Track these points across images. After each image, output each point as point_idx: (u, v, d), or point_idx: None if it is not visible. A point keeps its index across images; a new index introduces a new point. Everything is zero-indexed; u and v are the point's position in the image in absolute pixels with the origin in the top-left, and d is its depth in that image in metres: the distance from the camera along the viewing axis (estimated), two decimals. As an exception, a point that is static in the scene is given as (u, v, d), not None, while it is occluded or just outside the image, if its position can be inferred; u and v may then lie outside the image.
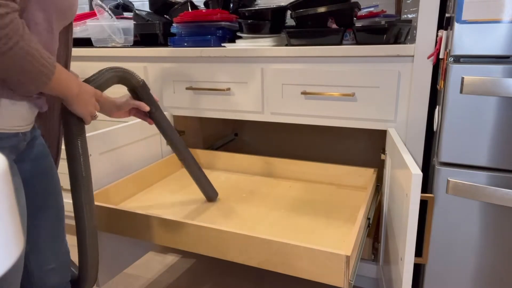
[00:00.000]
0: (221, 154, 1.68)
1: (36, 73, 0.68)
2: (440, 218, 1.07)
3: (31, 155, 0.85)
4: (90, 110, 0.87)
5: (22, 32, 0.65)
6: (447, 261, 1.09)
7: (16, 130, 0.76)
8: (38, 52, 0.68)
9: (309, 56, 1.30)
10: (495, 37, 0.94)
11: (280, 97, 1.38)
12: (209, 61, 1.46)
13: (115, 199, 1.34)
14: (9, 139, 0.75)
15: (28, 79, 0.68)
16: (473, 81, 0.97)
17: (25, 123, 0.79)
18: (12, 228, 0.32)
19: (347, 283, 0.89)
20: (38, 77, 0.69)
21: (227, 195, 1.43)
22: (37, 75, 0.69)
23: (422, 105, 1.18)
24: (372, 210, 1.29)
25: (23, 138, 0.80)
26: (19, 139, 0.78)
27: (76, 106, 0.84)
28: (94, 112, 0.89)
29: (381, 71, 1.21)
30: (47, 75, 0.70)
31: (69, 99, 0.81)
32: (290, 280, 1.55)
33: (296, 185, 1.51)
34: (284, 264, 0.95)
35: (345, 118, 1.31)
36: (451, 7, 1.00)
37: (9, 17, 0.62)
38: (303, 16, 1.34)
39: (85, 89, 0.85)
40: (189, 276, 1.60)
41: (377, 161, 1.50)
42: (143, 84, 1.08)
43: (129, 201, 1.38)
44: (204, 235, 1.03)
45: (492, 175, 1.00)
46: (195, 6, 1.70)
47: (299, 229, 1.17)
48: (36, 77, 0.69)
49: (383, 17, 1.33)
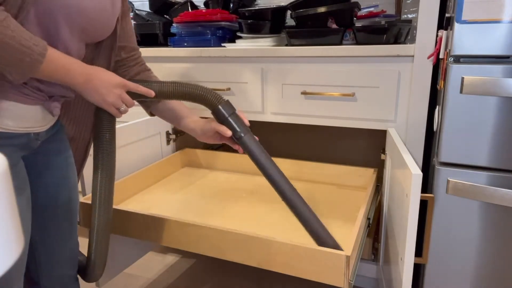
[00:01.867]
0: (221, 154, 1.68)
1: (17, 58, 0.65)
2: (440, 218, 1.07)
3: (46, 149, 0.87)
4: (111, 101, 0.81)
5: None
6: (447, 261, 1.09)
7: (27, 131, 0.78)
8: (17, 38, 0.64)
9: (309, 56, 1.30)
10: (495, 37, 0.94)
11: (280, 97, 1.38)
12: (209, 61, 1.46)
13: (115, 199, 1.33)
14: (19, 138, 0.77)
15: (9, 64, 0.66)
16: (473, 81, 0.97)
17: (38, 125, 0.81)
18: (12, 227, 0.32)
19: (347, 283, 0.89)
20: (21, 62, 0.66)
21: (227, 195, 1.43)
22: (18, 60, 0.66)
23: (422, 105, 1.18)
24: (372, 210, 1.29)
25: (36, 138, 0.82)
26: (30, 139, 0.80)
27: (88, 95, 0.79)
28: (118, 104, 0.82)
29: (381, 71, 1.21)
30: (30, 61, 0.67)
31: (76, 87, 0.77)
32: (290, 280, 1.55)
33: (296, 185, 1.50)
34: (284, 264, 0.95)
35: (345, 118, 1.31)
36: (451, 7, 1.00)
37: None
38: (303, 16, 1.34)
39: (102, 78, 0.79)
40: (189, 276, 1.60)
41: (377, 161, 1.50)
42: (226, 103, 0.92)
43: (129, 201, 1.38)
44: (204, 235, 1.03)
45: (492, 175, 1.00)
46: (195, 6, 1.70)
47: (299, 229, 1.17)
48: (19, 62, 0.66)
49: (383, 17, 1.33)
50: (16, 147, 0.77)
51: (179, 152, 1.70)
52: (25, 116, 0.77)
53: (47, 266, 0.94)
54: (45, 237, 0.92)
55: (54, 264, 0.94)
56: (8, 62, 0.65)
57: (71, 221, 0.96)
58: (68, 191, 0.93)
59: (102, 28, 0.82)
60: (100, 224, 0.96)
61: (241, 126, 0.93)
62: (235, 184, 1.53)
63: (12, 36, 0.64)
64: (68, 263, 0.97)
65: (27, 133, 0.79)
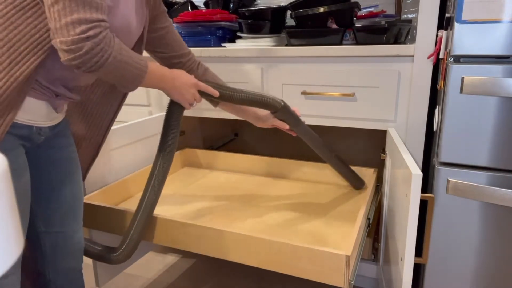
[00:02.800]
0: (221, 154, 1.68)
1: (132, 75, 0.81)
2: (440, 218, 1.07)
3: (49, 144, 0.91)
4: (187, 99, 0.98)
5: (113, 43, 0.75)
6: (447, 261, 1.09)
7: (29, 123, 0.81)
8: (130, 58, 0.79)
9: (309, 56, 1.30)
10: (495, 37, 0.94)
11: (280, 97, 1.38)
12: (209, 61, 1.46)
13: (115, 199, 1.34)
14: (19, 129, 0.80)
15: (126, 80, 0.82)
16: (473, 81, 0.97)
17: (42, 120, 0.84)
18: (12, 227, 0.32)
19: (347, 283, 0.89)
20: (134, 77, 0.82)
21: (227, 195, 1.43)
22: (132, 76, 0.82)
23: (422, 105, 1.18)
24: (372, 210, 1.29)
25: (38, 132, 0.84)
26: (32, 132, 0.83)
27: (173, 95, 0.97)
28: (192, 101, 0.99)
29: (381, 71, 1.21)
30: (140, 75, 0.83)
31: (165, 90, 0.95)
32: (290, 280, 1.55)
33: (296, 185, 1.51)
34: (284, 264, 0.95)
35: (345, 118, 1.31)
36: (451, 7, 1.00)
37: (103, 34, 0.72)
38: (303, 16, 1.34)
39: (182, 81, 0.96)
40: (189, 276, 1.60)
41: (377, 161, 1.50)
42: (283, 106, 1.12)
43: (129, 201, 1.38)
44: (204, 235, 1.03)
45: (492, 175, 1.00)
46: (195, 6, 1.70)
47: (299, 229, 1.17)
48: (132, 78, 0.82)
49: (383, 17, 1.33)
50: (15, 136, 0.79)
51: (179, 152, 1.70)
52: (29, 109, 0.80)
53: (52, 258, 0.96)
54: (49, 230, 0.94)
55: (59, 256, 0.97)
56: (126, 76, 0.81)
57: (75, 215, 0.98)
58: (72, 185, 0.96)
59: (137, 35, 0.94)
60: (148, 203, 1.04)
61: (295, 119, 1.18)
62: (235, 184, 1.53)
63: (128, 56, 0.79)
64: (73, 256, 0.99)
65: (29, 125, 0.81)
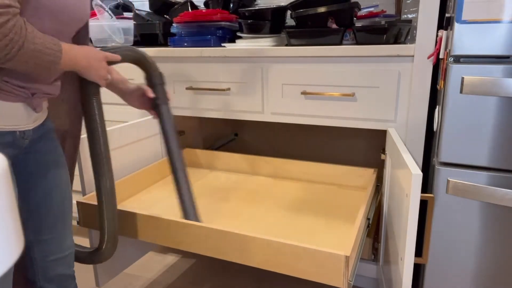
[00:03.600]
0: (221, 154, 1.68)
1: (47, 62, 0.75)
2: (440, 218, 1.07)
3: (36, 149, 0.89)
4: (102, 75, 0.92)
5: (25, 32, 0.69)
6: (447, 261, 1.09)
7: (12, 129, 0.80)
8: (43, 45, 0.73)
9: (309, 56, 1.30)
10: (495, 37, 0.94)
11: (280, 97, 1.38)
12: (209, 61, 1.46)
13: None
14: (3, 136, 0.79)
15: (42, 69, 0.76)
16: (473, 81, 0.97)
17: (23, 123, 0.82)
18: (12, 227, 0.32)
19: (347, 283, 0.89)
20: (49, 64, 0.76)
21: (227, 195, 1.43)
22: (48, 63, 0.76)
23: (422, 105, 1.18)
24: (372, 210, 1.29)
25: (22, 136, 0.83)
26: (16, 137, 0.81)
27: (88, 74, 0.90)
28: (106, 76, 0.93)
29: (381, 71, 1.21)
30: (55, 61, 0.77)
31: (81, 71, 0.88)
32: (290, 280, 1.55)
33: (296, 185, 1.51)
34: (283, 264, 0.95)
35: (345, 118, 1.31)
36: (451, 7, 1.00)
37: (11, 23, 0.66)
38: (303, 16, 1.34)
39: (93, 56, 0.89)
40: (189, 276, 1.60)
41: (377, 161, 1.50)
42: (159, 74, 1.10)
43: (129, 201, 1.38)
44: (204, 235, 1.03)
45: (492, 175, 1.00)
46: (195, 6, 1.70)
47: (299, 229, 1.17)
48: (48, 65, 0.76)
49: (383, 17, 1.33)
50: (1, 145, 0.78)
51: (179, 152, 1.70)
52: (7, 114, 0.78)
53: (43, 266, 0.94)
54: (39, 238, 0.92)
55: (50, 263, 0.95)
56: (41, 65, 0.75)
57: (64, 221, 0.96)
58: (60, 191, 0.94)
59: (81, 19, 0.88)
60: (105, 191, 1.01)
61: (164, 98, 1.12)
62: (235, 184, 1.53)
63: (41, 42, 0.73)
64: (64, 262, 0.98)
65: (12, 131, 0.80)
